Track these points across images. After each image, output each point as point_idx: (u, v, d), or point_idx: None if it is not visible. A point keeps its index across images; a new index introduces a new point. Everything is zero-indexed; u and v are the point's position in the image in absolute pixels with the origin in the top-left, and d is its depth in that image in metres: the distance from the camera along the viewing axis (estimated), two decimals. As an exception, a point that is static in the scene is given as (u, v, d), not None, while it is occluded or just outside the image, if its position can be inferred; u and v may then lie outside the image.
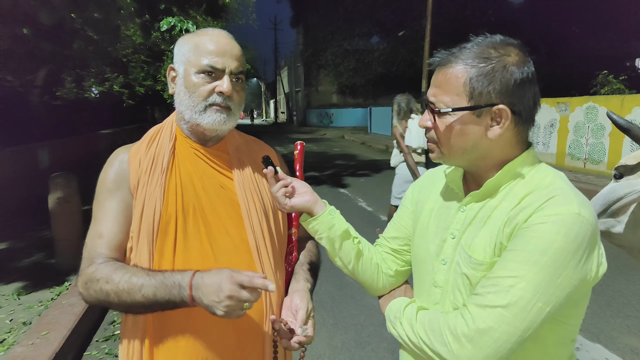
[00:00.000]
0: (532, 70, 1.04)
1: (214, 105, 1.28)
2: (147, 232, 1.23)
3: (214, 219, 1.30)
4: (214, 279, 1.08)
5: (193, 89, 1.27)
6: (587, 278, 0.96)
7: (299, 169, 1.46)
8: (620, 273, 4.85)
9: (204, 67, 1.25)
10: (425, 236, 1.23)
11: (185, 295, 1.10)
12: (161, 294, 1.12)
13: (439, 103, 1.06)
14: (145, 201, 1.25)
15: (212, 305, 1.07)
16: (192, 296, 1.10)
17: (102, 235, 1.25)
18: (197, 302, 1.10)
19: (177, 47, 1.33)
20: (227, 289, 1.05)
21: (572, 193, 1.00)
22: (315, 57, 37.30)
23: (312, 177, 12.09)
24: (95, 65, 14.49)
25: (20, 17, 5.96)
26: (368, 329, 3.82)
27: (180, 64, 1.30)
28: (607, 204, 1.52)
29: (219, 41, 1.28)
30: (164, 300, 1.12)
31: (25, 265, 5.14)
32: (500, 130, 1.03)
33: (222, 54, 1.27)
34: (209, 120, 1.28)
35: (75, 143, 13.05)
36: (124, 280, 1.15)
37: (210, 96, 1.27)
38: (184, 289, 1.10)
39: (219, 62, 1.26)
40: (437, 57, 1.09)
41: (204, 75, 1.26)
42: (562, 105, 11.73)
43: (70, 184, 4.80)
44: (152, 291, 1.13)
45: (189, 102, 1.28)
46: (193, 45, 1.28)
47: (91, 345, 3.66)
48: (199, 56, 1.26)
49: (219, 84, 1.27)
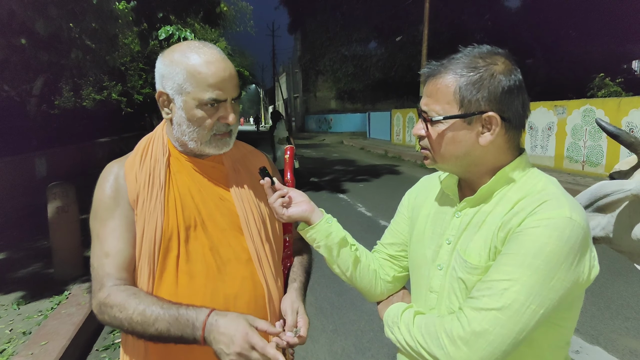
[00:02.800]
0: (519, 78, 1.07)
1: (218, 134, 1.29)
2: (149, 249, 1.23)
3: (214, 231, 1.31)
4: (228, 329, 1.08)
5: (198, 122, 1.25)
6: (580, 280, 0.98)
7: (289, 174, 1.46)
8: (619, 275, 4.85)
9: (207, 101, 1.23)
10: (422, 242, 1.25)
11: (197, 336, 1.10)
12: (174, 330, 1.12)
13: (431, 112, 1.09)
14: (146, 218, 1.25)
15: (220, 352, 1.08)
16: (204, 337, 1.10)
17: (108, 254, 1.23)
18: (207, 343, 1.10)
19: (166, 69, 1.25)
20: (238, 346, 1.06)
21: (563, 197, 1.02)
22: (313, 63, 37.46)
23: (311, 182, 12.11)
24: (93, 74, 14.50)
25: (16, 27, 5.97)
26: (368, 334, 3.82)
27: (176, 93, 1.25)
28: (593, 198, 1.53)
29: (217, 71, 1.23)
30: (176, 336, 1.12)
31: (24, 275, 5.14)
32: (491, 137, 1.06)
33: (223, 86, 1.24)
34: (215, 149, 1.31)
35: (72, 152, 13.07)
36: (138, 312, 1.14)
37: (215, 126, 1.27)
38: (197, 330, 1.10)
39: (221, 95, 1.24)
40: (428, 68, 1.12)
41: (206, 108, 1.24)
42: (560, 108, 11.78)
43: (68, 194, 4.80)
44: (166, 327, 1.12)
45: (194, 136, 1.28)
46: (188, 75, 1.22)
47: (90, 355, 3.65)
48: (200, 89, 1.22)
49: (223, 114, 1.26)
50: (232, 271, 1.29)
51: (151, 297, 1.18)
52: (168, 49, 1.31)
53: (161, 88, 1.28)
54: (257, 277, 1.32)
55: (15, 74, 8.49)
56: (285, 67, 52.65)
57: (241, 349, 1.06)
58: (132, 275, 1.25)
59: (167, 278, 1.25)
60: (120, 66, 17.16)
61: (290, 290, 1.39)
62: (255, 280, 1.32)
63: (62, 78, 12.34)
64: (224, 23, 15.02)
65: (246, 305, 1.29)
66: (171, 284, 1.25)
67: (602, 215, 1.61)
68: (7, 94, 10.44)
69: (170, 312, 1.13)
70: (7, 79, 9.04)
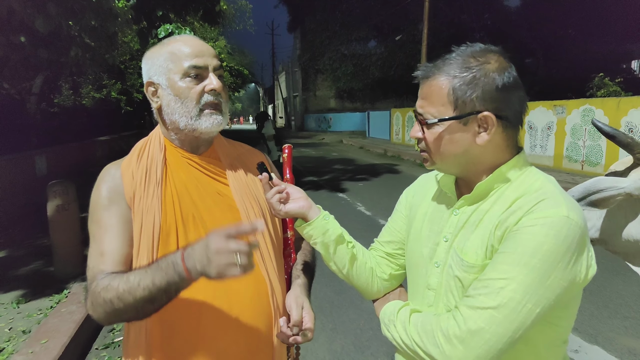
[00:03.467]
0: (514, 75, 1.06)
1: (207, 106, 1.29)
2: (147, 245, 1.23)
3: (214, 226, 1.30)
4: (201, 245, 1.04)
5: (184, 94, 1.27)
6: (577, 280, 0.98)
7: (288, 172, 1.47)
8: (617, 274, 4.86)
9: (188, 70, 1.26)
10: (419, 240, 1.25)
11: (181, 271, 1.06)
12: (159, 278, 1.08)
13: (427, 114, 1.09)
14: (143, 215, 1.25)
15: (204, 270, 1.02)
16: (187, 268, 1.05)
17: (103, 253, 1.23)
18: (193, 272, 1.05)
19: (149, 60, 1.33)
20: (213, 244, 1.01)
21: (561, 196, 1.02)
22: (313, 62, 37.43)
23: (311, 181, 12.10)
24: (92, 72, 14.50)
25: (16, 25, 5.97)
26: (367, 333, 3.83)
27: (160, 75, 1.30)
28: (587, 192, 1.53)
29: (193, 43, 1.30)
30: (163, 284, 1.08)
31: (24, 274, 5.14)
32: (488, 137, 1.06)
33: (200, 54, 1.28)
34: (206, 125, 1.30)
35: (72, 150, 13.04)
36: (122, 282, 1.12)
37: (202, 97, 1.28)
38: (178, 265, 1.06)
39: (200, 61, 1.27)
40: (420, 70, 1.12)
41: (189, 79, 1.27)
42: (559, 108, 11.78)
43: (68, 192, 4.81)
44: (150, 280, 1.09)
45: (182, 110, 1.28)
46: (169, 54, 1.29)
47: (91, 353, 3.66)
48: (179, 61, 1.27)
49: (208, 83, 1.29)
50: None
51: (134, 270, 1.17)
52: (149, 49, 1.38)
53: (148, 78, 1.33)
54: (260, 273, 1.32)
55: (14, 71, 8.49)
56: (284, 66, 52.54)
57: (216, 245, 1.00)
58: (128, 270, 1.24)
59: None
60: (120, 64, 17.17)
61: (295, 286, 1.39)
62: (257, 275, 1.31)
63: (61, 76, 12.34)
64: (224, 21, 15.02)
65: (249, 300, 1.29)
66: None
67: (595, 211, 1.61)
68: (7, 92, 10.43)
69: (150, 266, 1.12)
70: (6, 77, 9.04)
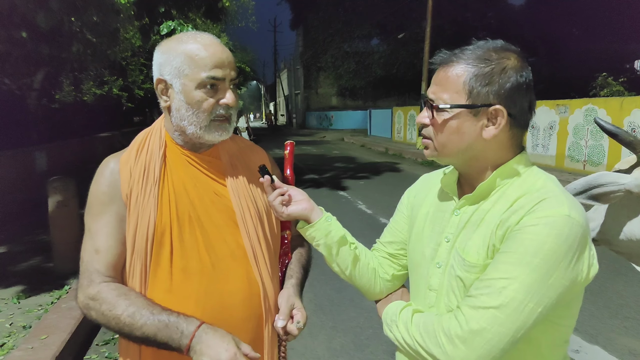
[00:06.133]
0: (529, 76, 1.06)
1: (217, 118, 1.28)
2: (142, 244, 1.23)
3: (210, 227, 1.29)
4: (217, 345, 1.11)
5: (197, 105, 1.24)
6: (578, 279, 0.98)
7: (290, 171, 1.45)
8: (619, 275, 4.85)
9: (205, 81, 1.22)
10: (421, 240, 1.24)
11: (184, 344, 1.12)
12: (161, 336, 1.13)
13: (438, 100, 1.09)
14: (139, 214, 1.24)
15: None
16: (190, 346, 1.11)
17: (98, 250, 1.24)
18: (191, 352, 1.12)
19: (163, 56, 1.27)
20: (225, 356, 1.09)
21: (563, 196, 1.01)
22: (315, 60, 37.41)
23: (312, 179, 12.11)
24: (94, 68, 14.50)
25: (17, 20, 5.96)
26: (367, 331, 3.82)
27: (175, 77, 1.25)
28: (588, 186, 1.53)
29: (214, 52, 1.24)
30: (161, 342, 1.13)
31: (24, 269, 5.15)
32: (495, 131, 1.05)
33: (220, 64, 1.24)
34: (214, 135, 1.29)
35: (73, 146, 13.08)
36: (127, 314, 1.15)
37: (214, 109, 1.26)
38: (185, 338, 1.12)
39: (219, 72, 1.24)
40: (440, 57, 1.12)
41: (205, 90, 1.24)
42: (562, 107, 11.76)
43: (68, 188, 4.81)
44: (153, 332, 1.13)
45: (193, 119, 1.26)
46: (186, 57, 1.23)
47: (90, 349, 3.66)
48: (197, 70, 1.22)
49: (222, 97, 1.26)
50: (227, 268, 1.28)
51: (142, 300, 1.19)
52: (165, 39, 1.33)
53: (159, 75, 1.28)
54: (253, 275, 1.31)
55: (15, 67, 8.49)
56: (286, 63, 52.54)
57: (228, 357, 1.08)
58: (120, 273, 1.26)
59: (161, 274, 1.24)
60: (122, 61, 17.16)
61: (287, 286, 1.39)
62: (250, 277, 1.31)
63: (62, 72, 12.34)
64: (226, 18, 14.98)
65: (241, 302, 1.29)
66: (165, 280, 1.24)
67: (598, 210, 1.60)
68: (8, 88, 10.43)
69: (160, 317, 1.14)
70: (7, 72, 9.04)
